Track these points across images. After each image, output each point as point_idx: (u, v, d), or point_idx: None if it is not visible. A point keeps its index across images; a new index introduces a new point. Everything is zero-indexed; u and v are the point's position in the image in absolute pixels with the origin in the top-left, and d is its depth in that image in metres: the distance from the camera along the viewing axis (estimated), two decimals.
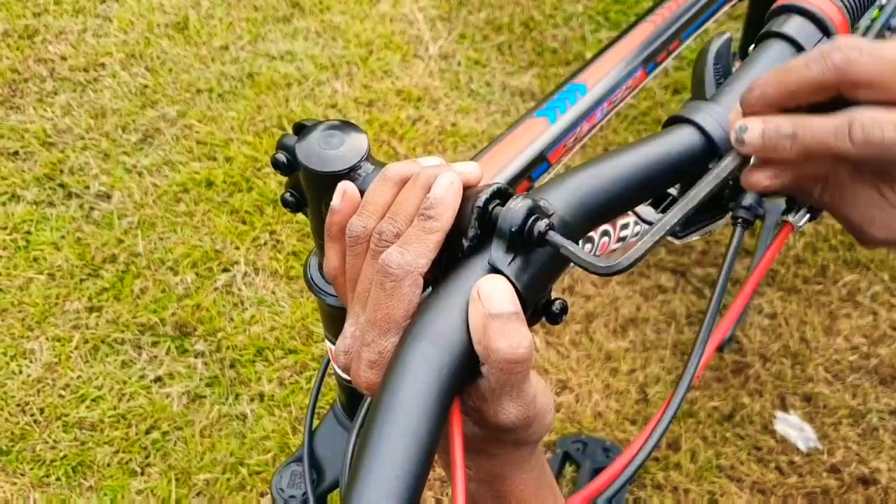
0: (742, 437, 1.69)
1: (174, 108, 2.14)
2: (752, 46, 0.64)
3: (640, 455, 0.50)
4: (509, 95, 2.21)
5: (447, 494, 1.62)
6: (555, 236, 0.47)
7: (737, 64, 0.64)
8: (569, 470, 1.64)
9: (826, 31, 0.63)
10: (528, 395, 0.48)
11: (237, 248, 1.90)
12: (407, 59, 2.28)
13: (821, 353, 1.80)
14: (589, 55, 2.28)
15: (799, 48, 0.63)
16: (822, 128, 0.51)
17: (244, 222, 1.94)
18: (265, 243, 1.92)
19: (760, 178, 0.56)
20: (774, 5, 0.64)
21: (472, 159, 0.79)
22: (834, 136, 0.50)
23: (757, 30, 0.65)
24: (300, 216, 1.94)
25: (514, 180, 0.78)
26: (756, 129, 0.53)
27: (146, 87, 2.18)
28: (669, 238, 0.68)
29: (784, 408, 1.74)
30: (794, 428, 1.71)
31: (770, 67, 0.62)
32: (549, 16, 2.39)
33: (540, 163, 0.79)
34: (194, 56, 2.26)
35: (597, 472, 1.61)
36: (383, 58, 2.28)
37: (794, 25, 0.63)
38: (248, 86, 2.20)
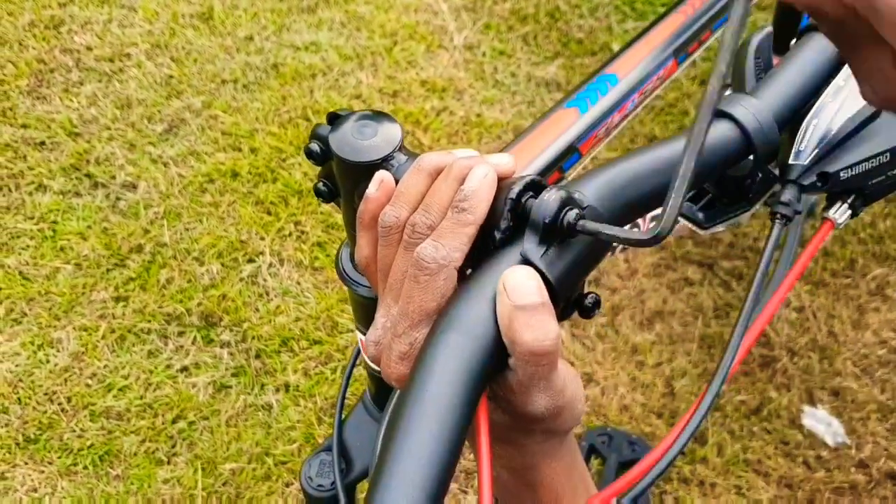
0: (769, 432, 1.68)
1: (199, 98, 2.14)
2: (794, 40, 0.63)
3: (666, 456, 0.50)
4: (534, 86, 2.20)
5: (472, 486, 1.62)
6: (587, 223, 0.47)
7: (775, 61, 0.63)
8: (595, 463, 1.63)
9: None
10: (556, 385, 0.48)
11: (262, 238, 1.90)
12: (432, 49, 2.28)
13: (849, 347, 1.78)
14: (615, 46, 2.27)
15: None
16: None
17: (269, 213, 1.95)
18: (290, 234, 1.92)
19: None
20: None
21: (502, 150, 0.78)
22: None
23: (787, 21, 0.64)
24: (325, 207, 1.94)
25: (545, 171, 0.77)
26: None
27: (171, 77, 2.19)
28: (695, 229, 0.67)
29: (812, 402, 1.72)
30: (821, 422, 1.69)
31: (811, 62, 0.61)
32: (574, 6, 2.38)
33: (571, 153, 0.79)
34: (219, 46, 2.26)
35: (623, 465, 1.61)
36: (408, 48, 2.27)
37: None
38: (273, 76, 2.20)
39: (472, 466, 1.64)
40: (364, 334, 0.63)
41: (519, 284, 0.46)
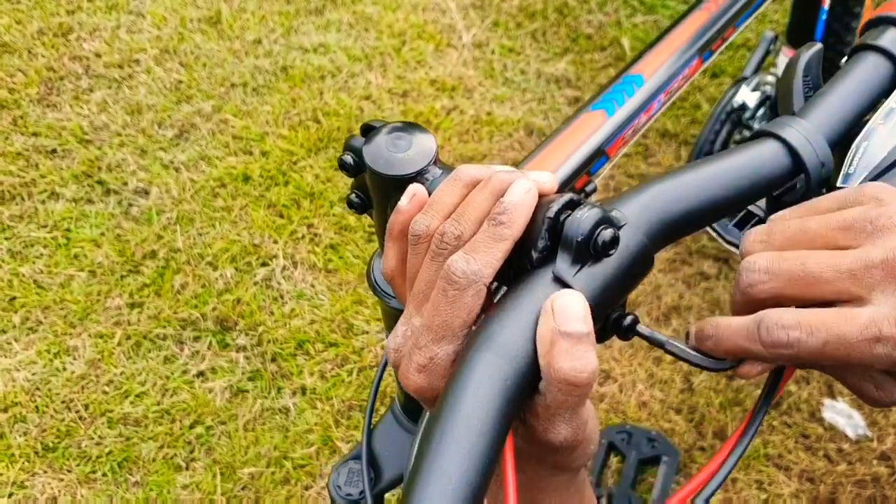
0: (789, 425, 1.68)
1: (209, 102, 2.14)
2: (845, 59, 0.62)
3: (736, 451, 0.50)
4: (544, 83, 2.20)
5: None
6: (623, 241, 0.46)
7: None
8: (614, 461, 1.63)
9: None
10: (581, 418, 0.47)
11: (275, 241, 1.90)
12: (440, 48, 2.27)
13: None
14: (625, 40, 2.26)
15: (895, 61, 0.60)
16: (737, 329, 0.50)
17: (281, 216, 1.94)
18: (303, 237, 1.91)
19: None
20: (870, 16, 0.62)
21: (529, 154, 0.78)
22: (747, 339, 0.49)
23: (804, 11, 0.63)
24: (337, 209, 1.94)
25: (574, 175, 0.76)
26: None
27: (181, 82, 2.19)
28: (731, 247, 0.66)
29: (832, 395, 1.71)
30: (842, 415, 1.69)
31: (862, 81, 0.60)
32: (583, 1, 2.37)
33: (598, 157, 0.78)
34: (228, 50, 2.25)
35: (643, 462, 1.60)
36: (416, 48, 2.26)
37: (890, 37, 0.60)
38: (282, 79, 2.19)
39: None
40: None
41: (567, 309, 0.44)
